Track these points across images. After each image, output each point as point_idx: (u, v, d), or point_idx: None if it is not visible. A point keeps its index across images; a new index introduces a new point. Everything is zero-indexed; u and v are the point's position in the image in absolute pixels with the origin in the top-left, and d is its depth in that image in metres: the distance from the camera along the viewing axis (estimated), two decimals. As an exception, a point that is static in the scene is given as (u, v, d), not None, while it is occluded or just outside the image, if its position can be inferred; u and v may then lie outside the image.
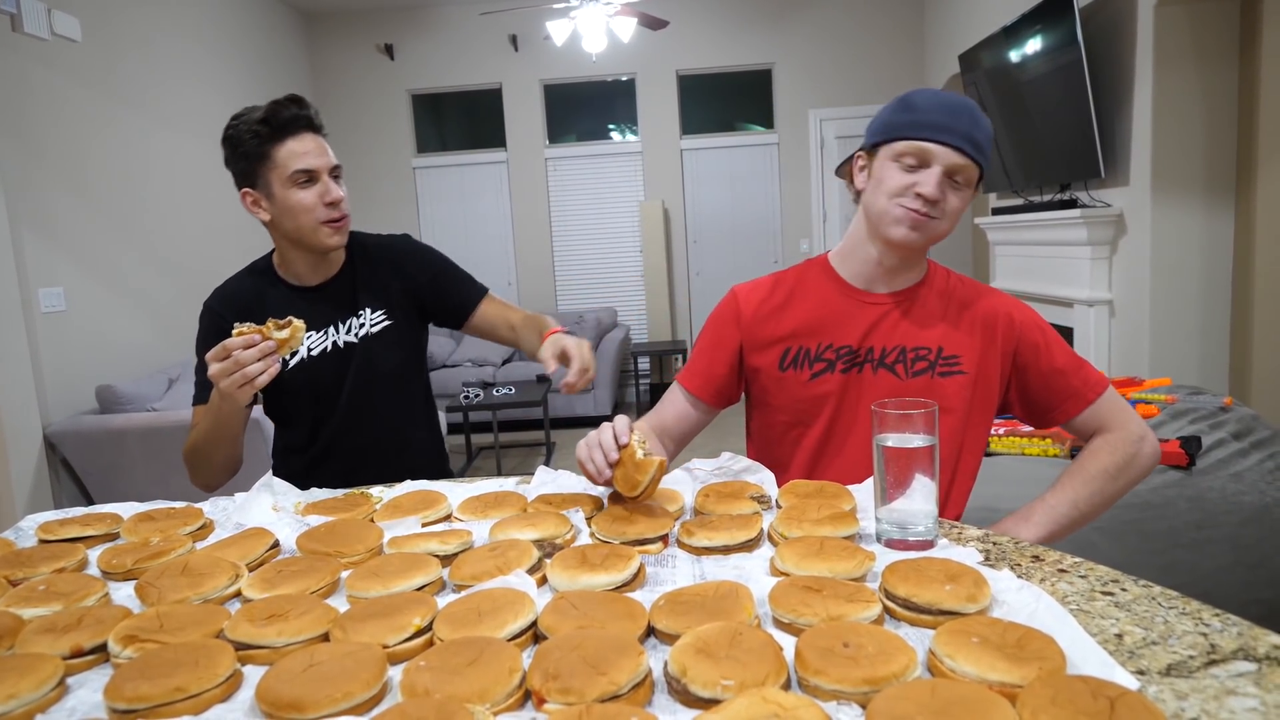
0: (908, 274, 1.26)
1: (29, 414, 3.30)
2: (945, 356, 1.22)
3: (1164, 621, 0.70)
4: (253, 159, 1.45)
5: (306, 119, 1.48)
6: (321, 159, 1.47)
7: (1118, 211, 3.62)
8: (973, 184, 1.18)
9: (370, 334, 1.55)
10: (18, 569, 0.95)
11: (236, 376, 1.24)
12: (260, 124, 1.44)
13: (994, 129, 1.25)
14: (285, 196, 1.44)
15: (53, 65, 3.62)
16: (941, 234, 1.19)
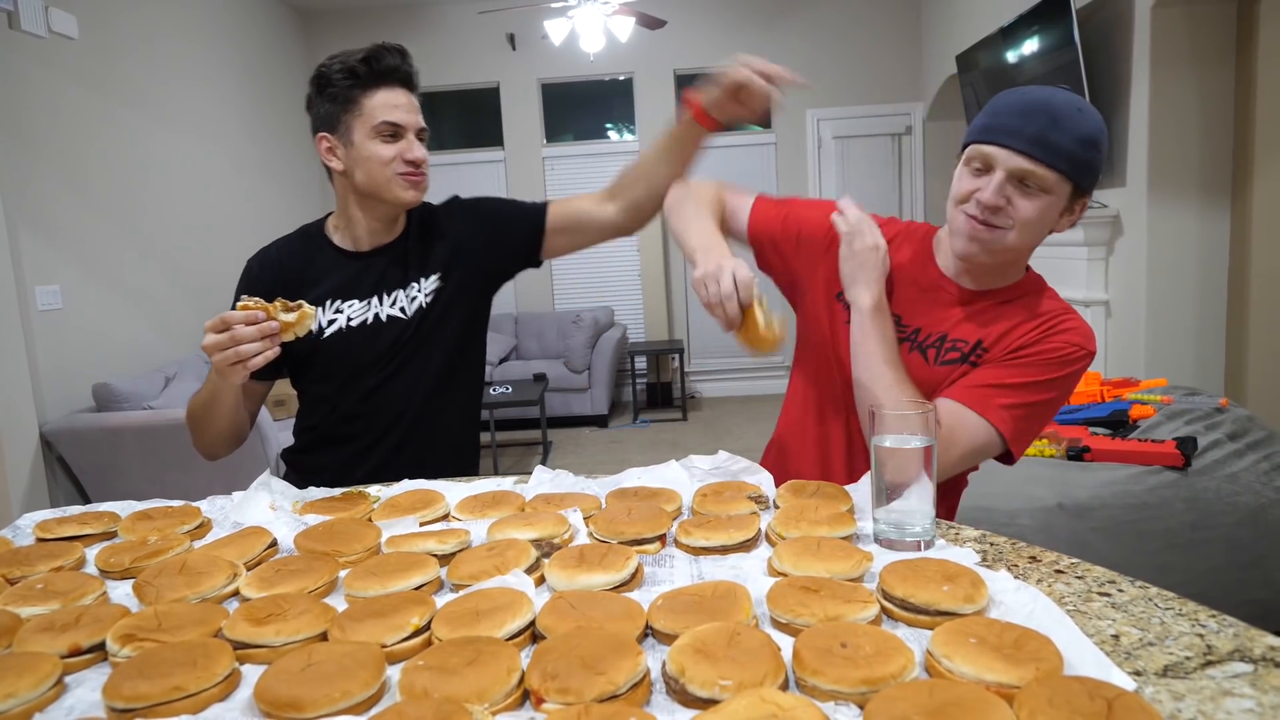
0: (993, 278, 1.18)
1: (25, 412, 3.29)
2: (981, 349, 1.15)
3: (1160, 622, 0.71)
4: (340, 102, 1.37)
5: (406, 73, 1.41)
6: (412, 115, 1.40)
7: (1114, 212, 3.63)
8: (1053, 189, 1.05)
9: (423, 307, 1.44)
10: (15, 567, 0.95)
11: (229, 354, 1.15)
12: (361, 63, 1.36)
13: None
14: (365, 146, 1.37)
15: (50, 63, 3.61)
16: (1012, 246, 1.09)
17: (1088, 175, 1.06)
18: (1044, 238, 1.12)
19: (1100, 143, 1.06)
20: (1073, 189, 1.07)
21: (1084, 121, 1.05)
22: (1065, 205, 1.08)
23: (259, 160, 5.36)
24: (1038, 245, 1.13)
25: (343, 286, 1.44)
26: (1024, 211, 1.06)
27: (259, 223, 5.21)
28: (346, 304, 1.44)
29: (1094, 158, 1.06)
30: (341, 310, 1.43)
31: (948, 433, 1.09)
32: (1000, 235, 1.08)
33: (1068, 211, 1.10)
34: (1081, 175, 1.06)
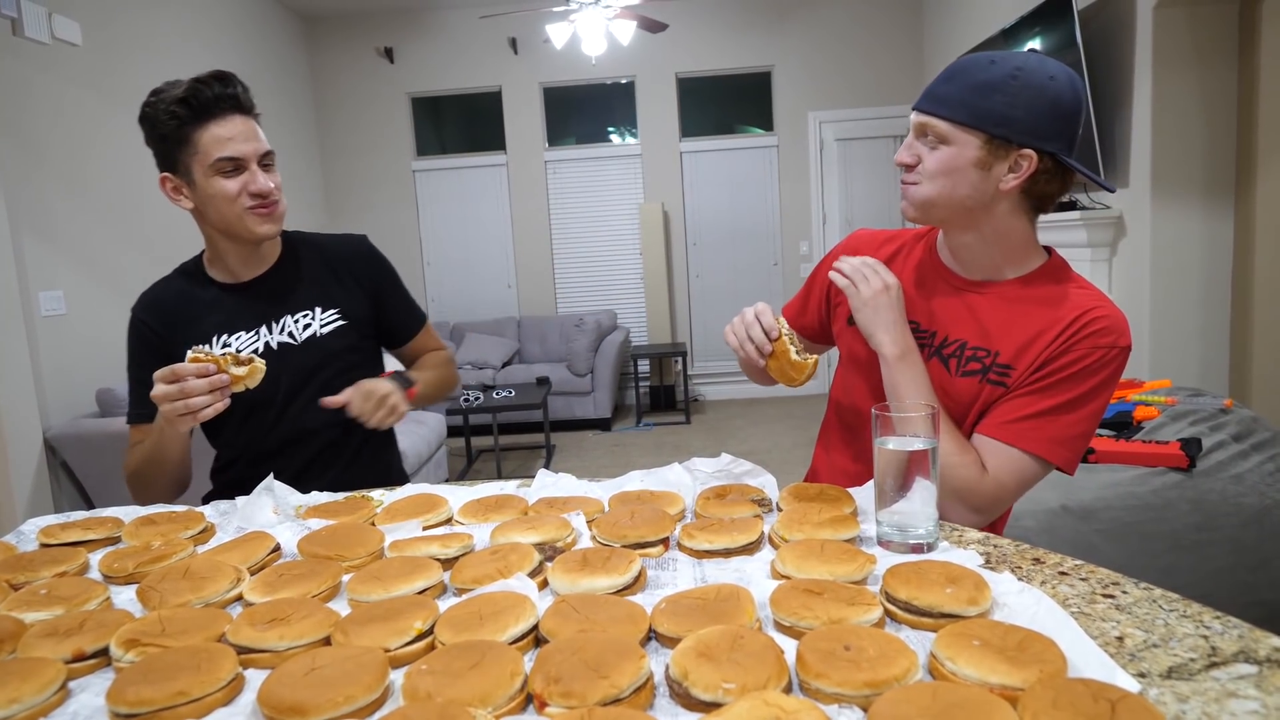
0: (991, 265, 1.15)
1: (29, 417, 3.30)
2: (1000, 364, 1.12)
3: (1165, 624, 0.70)
4: (171, 142, 1.32)
5: (233, 98, 1.32)
6: (249, 144, 1.33)
7: (1117, 214, 3.63)
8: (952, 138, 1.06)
9: (319, 335, 1.44)
10: (19, 573, 0.95)
11: (179, 405, 1.17)
12: (179, 104, 1.29)
13: None
14: (207, 185, 1.32)
15: (53, 69, 3.62)
16: (929, 197, 1.10)
17: (990, 119, 1.04)
18: (977, 190, 1.08)
19: (1001, 85, 1.04)
20: (985, 138, 1.05)
21: (985, 71, 1.05)
22: (984, 156, 1.06)
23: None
24: (971, 198, 1.08)
25: (226, 320, 1.43)
26: (928, 163, 1.09)
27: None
28: (233, 337, 1.43)
29: (994, 102, 1.04)
30: (229, 344, 1.42)
31: (998, 475, 1.08)
32: (915, 190, 1.12)
33: (999, 163, 1.06)
34: (984, 120, 1.05)
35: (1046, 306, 1.10)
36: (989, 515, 1.11)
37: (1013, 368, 1.11)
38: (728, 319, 1.27)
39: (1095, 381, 1.07)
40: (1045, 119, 1.04)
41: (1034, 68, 1.05)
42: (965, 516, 1.10)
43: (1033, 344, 1.10)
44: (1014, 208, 1.11)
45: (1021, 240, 1.14)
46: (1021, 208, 1.12)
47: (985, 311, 1.15)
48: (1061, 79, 1.05)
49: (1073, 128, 1.07)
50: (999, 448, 1.08)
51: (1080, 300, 1.10)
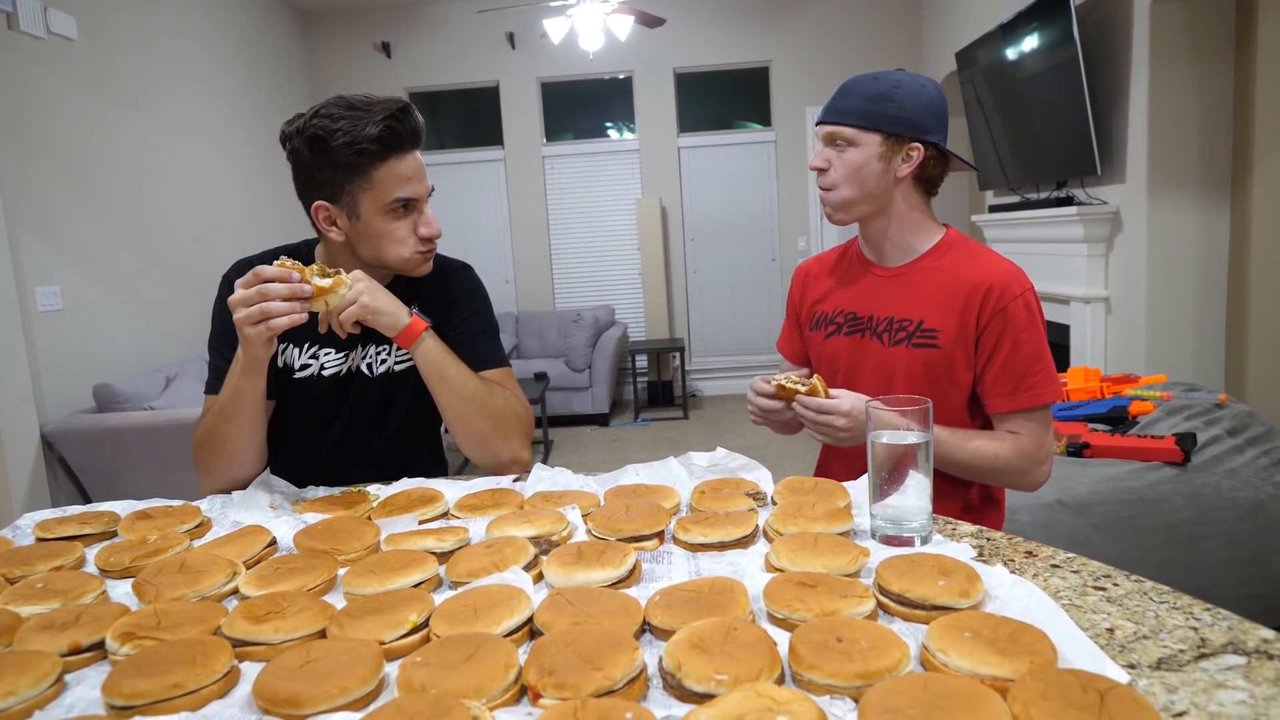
0: (903, 245, 1.37)
1: (26, 413, 3.30)
2: (924, 329, 1.31)
3: (1155, 616, 0.71)
4: (344, 172, 1.21)
5: (418, 134, 1.25)
6: (424, 184, 1.26)
7: (1114, 209, 3.63)
8: (857, 140, 1.30)
9: (393, 371, 1.38)
10: (15, 567, 0.95)
11: (254, 310, 1.07)
12: (374, 142, 1.19)
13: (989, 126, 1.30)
14: (375, 224, 1.23)
15: (49, 64, 3.61)
16: (847, 198, 1.33)
17: (886, 121, 1.29)
18: (881, 181, 1.31)
19: (889, 94, 1.29)
20: (883, 136, 1.30)
21: (872, 84, 1.31)
22: (884, 151, 1.30)
23: (258, 160, 5.36)
24: (878, 189, 1.32)
25: (325, 336, 1.34)
26: (839, 164, 1.33)
27: (258, 223, 5.21)
28: (324, 351, 1.37)
29: (885, 107, 1.29)
30: (317, 357, 1.36)
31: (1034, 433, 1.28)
32: (832, 194, 1.35)
33: (895, 156, 1.31)
34: (879, 122, 1.29)
35: (954, 274, 1.32)
36: (1050, 464, 1.32)
37: (938, 330, 1.30)
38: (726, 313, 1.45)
39: (1034, 324, 1.28)
40: (925, 116, 1.30)
41: (908, 80, 1.32)
42: (1039, 473, 1.29)
43: (950, 306, 1.30)
44: (910, 191, 1.35)
45: (920, 218, 1.37)
46: (915, 190, 1.36)
47: (904, 289, 1.36)
48: (930, 87, 1.32)
49: (944, 124, 1.34)
50: (1021, 416, 1.29)
51: (981, 267, 1.31)
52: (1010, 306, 1.27)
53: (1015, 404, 1.28)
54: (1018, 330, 1.27)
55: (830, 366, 1.43)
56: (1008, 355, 1.27)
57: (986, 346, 1.29)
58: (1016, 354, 1.27)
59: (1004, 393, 1.28)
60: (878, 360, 1.35)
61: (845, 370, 1.39)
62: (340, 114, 1.20)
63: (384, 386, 1.39)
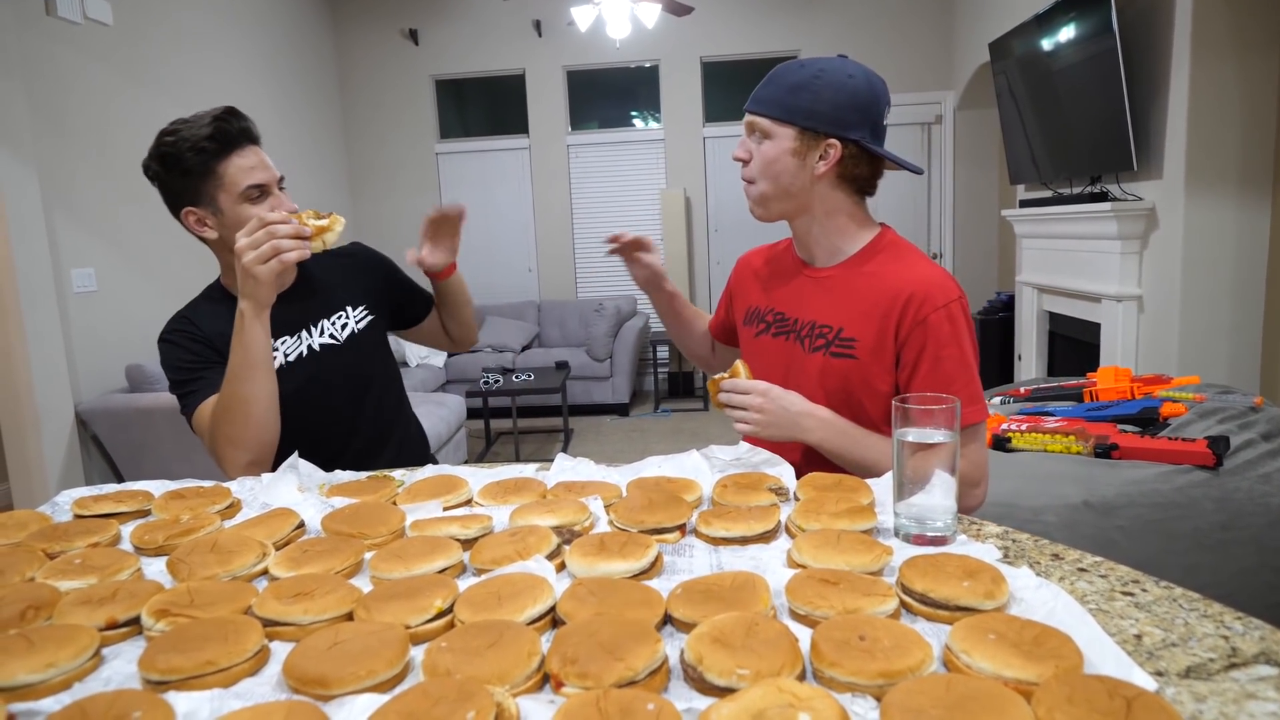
0: (830, 246, 1.31)
1: (61, 391, 3.37)
2: (843, 337, 1.25)
3: (1184, 623, 0.70)
4: (195, 176, 1.37)
5: (249, 132, 1.42)
6: (269, 172, 1.42)
7: (1149, 205, 3.57)
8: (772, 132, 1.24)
9: (356, 332, 1.54)
10: (55, 542, 0.98)
11: (266, 248, 1.21)
12: (207, 140, 1.36)
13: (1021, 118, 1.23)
14: (237, 212, 1.38)
15: (84, 48, 3.67)
16: (767, 193, 1.27)
17: (800, 114, 1.22)
18: (797, 178, 1.25)
19: (807, 84, 1.22)
20: (798, 130, 1.23)
21: (793, 73, 1.24)
22: (798, 146, 1.23)
23: (287, 144, 5.41)
24: (794, 185, 1.26)
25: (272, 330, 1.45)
26: (756, 157, 1.27)
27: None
28: (279, 341, 1.48)
29: (800, 99, 1.22)
30: (276, 349, 1.46)
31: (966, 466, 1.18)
32: (750, 189, 1.30)
33: (811, 152, 1.23)
34: (794, 115, 1.22)
35: (877, 281, 1.25)
36: (985, 486, 1.23)
37: (856, 339, 1.24)
38: None
39: (958, 338, 1.19)
40: (845, 111, 1.21)
41: (835, 68, 1.23)
42: (973, 495, 1.21)
43: (869, 315, 1.23)
44: (834, 190, 1.27)
45: (849, 219, 1.30)
46: (842, 189, 1.27)
47: (828, 293, 1.30)
48: (859, 77, 1.23)
49: (872, 118, 1.23)
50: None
51: (904, 275, 1.23)
52: (931, 318, 1.18)
53: None
54: (939, 344, 1.18)
55: (755, 367, 1.35)
56: (928, 371, 1.19)
57: (907, 361, 1.21)
58: (937, 370, 1.18)
59: None
60: (799, 366, 1.29)
61: (768, 373, 1.31)
62: (177, 128, 1.38)
63: (353, 347, 1.54)
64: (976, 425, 1.20)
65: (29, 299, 3.23)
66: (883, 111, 1.25)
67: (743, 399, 1.20)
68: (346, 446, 1.53)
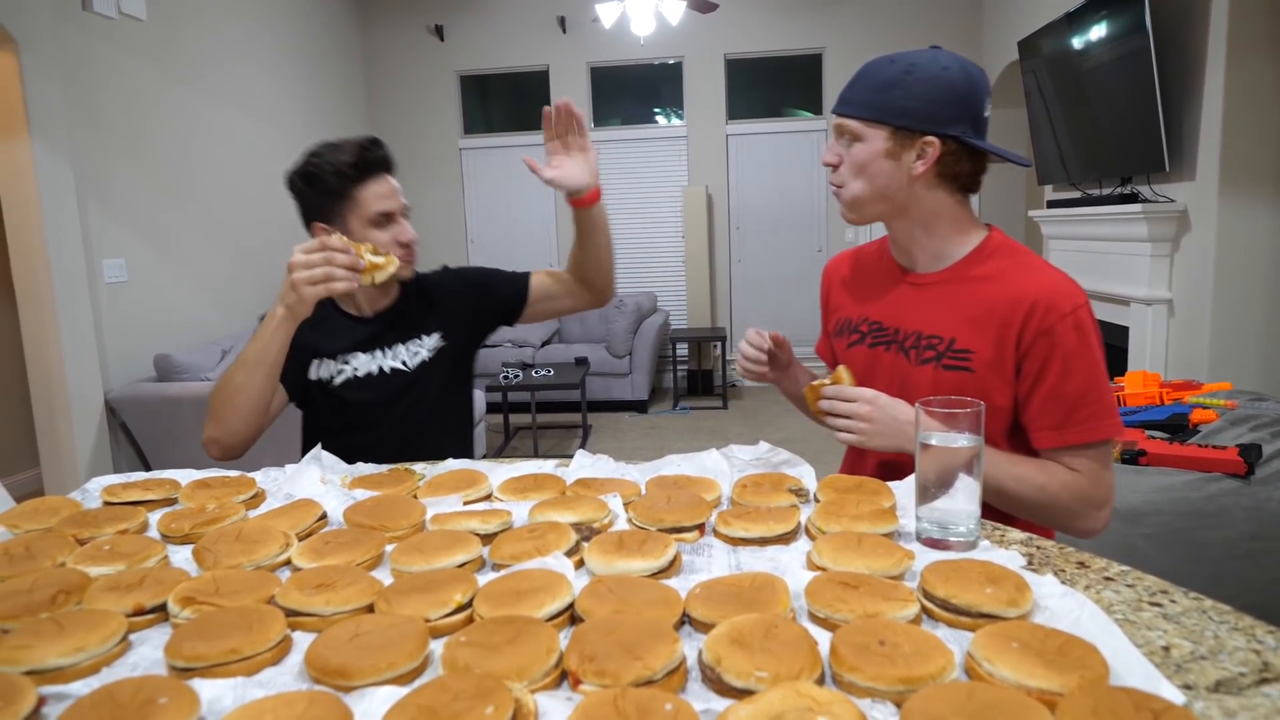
0: (935, 250, 1.22)
1: (92, 380, 3.43)
2: (955, 350, 1.17)
3: (1214, 636, 0.69)
4: (332, 197, 1.48)
5: (388, 161, 1.53)
6: (398, 201, 1.53)
7: (1181, 207, 3.50)
8: (863, 134, 1.17)
9: (427, 361, 1.59)
10: (85, 529, 1.00)
11: (319, 271, 1.26)
12: (350, 167, 1.47)
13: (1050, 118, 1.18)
14: (363, 235, 1.47)
15: (119, 43, 3.72)
16: (858, 195, 1.20)
17: (892, 113, 1.15)
18: (893, 180, 1.18)
19: (899, 81, 1.14)
20: (890, 130, 1.16)
21: (882, 70, 1.17)
22: (892, 147, 1.16)
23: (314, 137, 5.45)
24: (890, 188, 1.18)
25: (351, 345, 1.58)
26: (847, 160, 1.20)
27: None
28: (353, 357, 1.57)
29: (892, 96, 1.15)
30: (349, 363, 1.56)
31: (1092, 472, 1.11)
32: (841, 192, 1.23)
33: (906, 151, 1.16)
34: (887, 114, 1.15)
35: (992, 287, 1.17)
36: (1110, 508, 1.15)
37: (972, 351, 1.16)
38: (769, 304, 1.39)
39: (1087, 347, 1.11)
40: (941, 106, 1.14)
41: (928, 62, 1.15)
42: (1096, 518, 1.13)
43: (985, 325, 1.15)
44: (934, 190, 1.19)
45: (953, 219, 1.21)
46: (943, 189, 1.19)
47: (935, 301, 1.22)
48: (955, 69, 1.15)
49: (972, 111, 1.15)
50: (1072, 453, 1.13)
51: (1023, 280, 1.15)
52: (1058, 327, 1.10)
53: (1064, 439, 1.11)
54: (1066, 355, 1.10)
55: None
56: (1054, 384, 1.10)
57: (1029, 373, 1.12)
58: (1066, 383, 1.10)
59: (1050, 426, 1.12)
60: (903, 378, 1.21)
61: (867, 386, 1.22)
62: (323, 150, 1.50)
63: (420, 376, 1.59)
64: (1104, 442, 1.12)
65: (62, 288, 3.29)
66: (984, 103, 1.16)
67: (849, 407, 1.14)
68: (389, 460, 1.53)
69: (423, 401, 1.59)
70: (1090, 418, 1.10)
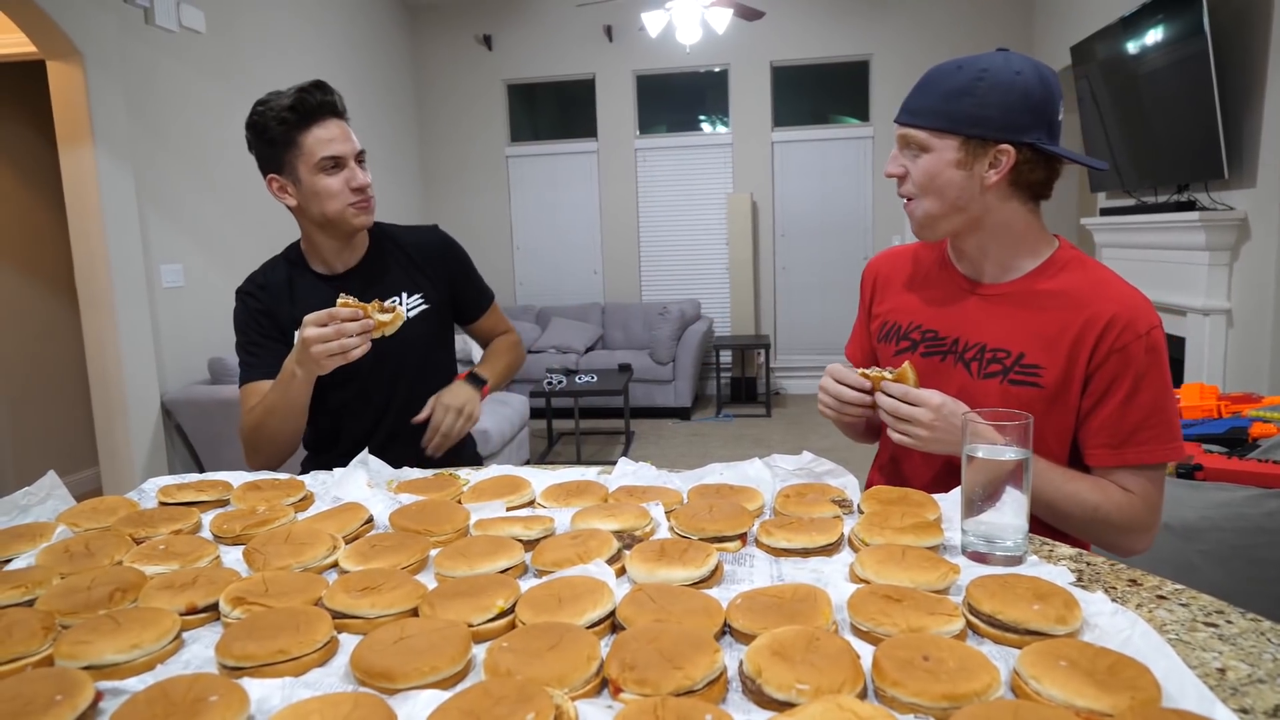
0: (1005, 260, 1.18)
1: (148, 382, 3.54)
2: (1024, 365, 1.13)
3: (1273, 659, 0.66)
4: (279, 145, 1.46)
5: (332, 105, 1.48)
6: (347, 144, 1.48)
7: (1241, 215, 3.39)
8: (931, 145, 1.13)
9: (407, 319, 1.55)
10: (141, 528, 1.04)
11: (334, 345, 1.28)
12: (288, 111, 1.44)
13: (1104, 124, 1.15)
14: (312, 182, 1.47)
15: (179, 55, 3.85)
16: (931, 210, 1.16)
17: (964, 121, 1.10)
18: (965, 191, 1.13)
19: (969, 89, 1.10)
20: (961, 140, 1.11)
21: (951, 77, 1.12)
22: (964, 157, 1.11)
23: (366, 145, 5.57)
24: (964, 199, 1.14)
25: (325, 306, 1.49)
26: (915, 172, 1.15)
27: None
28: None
29: (964, 105, 1.10)
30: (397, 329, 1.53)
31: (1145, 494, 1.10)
32: (914, 204, 1.17)
33: (978, 161, 1.12)
34: (958, 124, 1.11)
35: (1065, 301, 1.13)
36: (1155, 532, 1.13)
37: (1042, 366, 1.12)
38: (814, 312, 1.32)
39: (1158, 367, 1.09)
40: (1016, 113, 1.09)
41: (999, 66, 1.10)
42: (1143, 539, 1.11)
43: (1058, 341, 1.12)
44: (1007, 200, 1.15)
45: (1025, 230, 1.17)
46: (1016, 198, 1.15)
47: (1002, 313, 1.18)
48: (1028, 73, 1.10)
49: (1047, 116, 1.11)
50: (1128, 473, 1.11)
51: (1099, 295, 1.12)
52: (1132, 346, 1.07)
53: (1121, 459, 1.09)
54: (1138, 374, 1.07)
55: None
56: (1121, 403, 1.08)
57: (1096, 390, 1.10)
58: (1132, 403, 1.08)
59: (1108, 444, 1.10)
60: (961, 391, 1.15)
61: None
62: (268, 98, 1.48)
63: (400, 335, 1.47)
64: (1162, 465, 1.10)
65: (122, 293, 3.40)
66: (1058, 107, 1.12)
67: (911, 411, 1.09)
68: (373, 430, 1.58)
69: (401, 363, 1.57)
70: (1152, 439, 1.08)
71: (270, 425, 1.44)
